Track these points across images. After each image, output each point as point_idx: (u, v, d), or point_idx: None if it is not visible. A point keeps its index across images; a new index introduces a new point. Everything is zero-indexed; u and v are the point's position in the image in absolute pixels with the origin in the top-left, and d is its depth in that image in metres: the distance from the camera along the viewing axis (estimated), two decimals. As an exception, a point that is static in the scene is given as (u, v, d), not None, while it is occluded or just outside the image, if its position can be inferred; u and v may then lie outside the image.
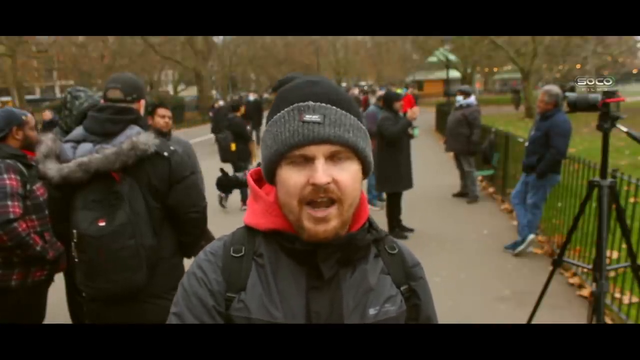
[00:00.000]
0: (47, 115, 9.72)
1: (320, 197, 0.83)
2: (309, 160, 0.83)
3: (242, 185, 2.91)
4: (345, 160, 0.85)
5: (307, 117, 0.82)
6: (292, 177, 0.84)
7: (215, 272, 0.90)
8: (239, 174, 2.91)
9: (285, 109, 0.85)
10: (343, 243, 0.88)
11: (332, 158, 0.83)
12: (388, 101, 5.70)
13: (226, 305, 0.88)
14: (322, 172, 0.81)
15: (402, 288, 0.96)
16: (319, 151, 0.82)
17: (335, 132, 0.82)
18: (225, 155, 7.30)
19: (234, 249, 0.92)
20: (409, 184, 5.75)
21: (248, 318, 0.87)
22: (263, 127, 4.26)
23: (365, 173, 0.90)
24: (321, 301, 0.88)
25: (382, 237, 0.97)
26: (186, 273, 0.94)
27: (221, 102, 16.15)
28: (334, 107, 0.84)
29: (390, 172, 5.61)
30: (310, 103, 0.84)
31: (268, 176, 0.90)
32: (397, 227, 5.88)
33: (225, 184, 2.87)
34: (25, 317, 2.57)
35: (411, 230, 5.95)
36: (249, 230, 0.94)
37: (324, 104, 0.84)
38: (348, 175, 0.84)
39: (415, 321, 0.98)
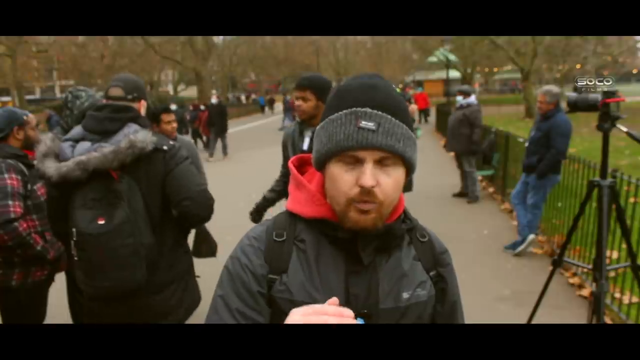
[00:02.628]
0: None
1: (365, 199, 0.89)
2: (358, 161, 0.90)
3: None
4: (392, 165, 0.91)
5: (363, 124, 0.89)
6: (341, 176, 0.91)
7: (258, 257, 0.97)
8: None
9: (344, 111, 0.91)
10: (381, 232, 0.95)
11: (379, 162, 0.90)
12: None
13: (268, 286, 0.95)
14: (370, 176, 0.88)
15: (431, 273, 1.03)
16: (369, 155, 0.89)
17: (387, 141, 0.89)
18: None
19: (276, 233, 0.99)
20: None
21: (290, 300, 0.93)
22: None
23: (408, 174, 0.96)
24: (360, 285, 0.95)
25: (415, 226, 1.05)
26: (230, 257, 1.00)
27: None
28: (389, 116, 0.90)
29: None
30: (368, 110, 0.89)
31: (319, 166, 0.97)
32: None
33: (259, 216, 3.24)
34: (26, 317, 2.57)
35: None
36: (290, 216, 1.01)
37: (380, 113, 0.90)
38: (392, 181, 0.91)
39: (441, 304, 1.05)
